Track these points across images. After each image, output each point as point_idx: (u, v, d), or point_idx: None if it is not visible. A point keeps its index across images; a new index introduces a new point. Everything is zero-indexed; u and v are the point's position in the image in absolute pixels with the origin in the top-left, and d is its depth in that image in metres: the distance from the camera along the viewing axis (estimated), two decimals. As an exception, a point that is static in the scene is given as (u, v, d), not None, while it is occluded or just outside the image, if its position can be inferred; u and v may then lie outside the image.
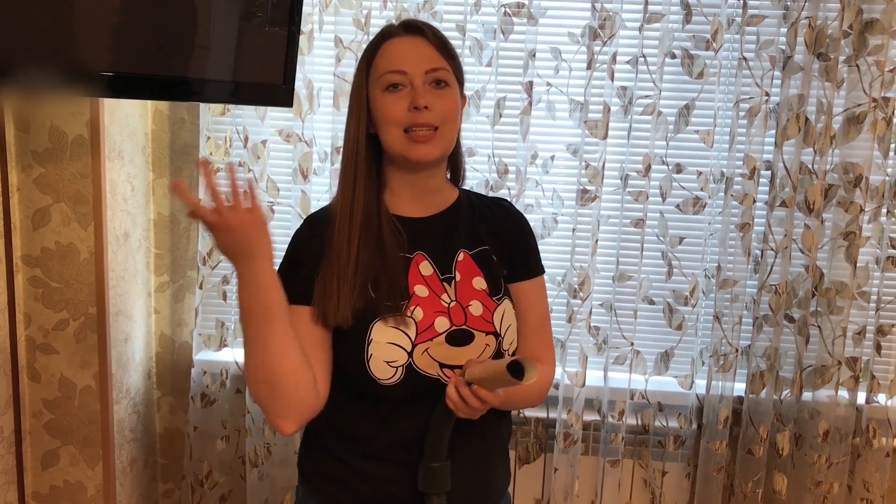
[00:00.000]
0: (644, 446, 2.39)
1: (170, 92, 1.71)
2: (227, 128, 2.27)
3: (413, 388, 1.32)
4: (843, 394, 2.25)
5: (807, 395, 2.28)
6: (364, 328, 1.31)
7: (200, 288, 2.33)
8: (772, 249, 2.21)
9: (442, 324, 1.34)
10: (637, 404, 2.36)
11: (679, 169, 2.24)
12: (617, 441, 2.34)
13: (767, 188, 2.21)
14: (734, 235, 2.22)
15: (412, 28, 1.35)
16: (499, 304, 1.40)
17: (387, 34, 1.35)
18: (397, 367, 1.32)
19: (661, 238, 2.28)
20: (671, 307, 2.31)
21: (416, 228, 1.39)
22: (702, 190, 2.23)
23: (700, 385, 2.33)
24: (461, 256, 1.41)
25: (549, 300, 2.34)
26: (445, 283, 1.38)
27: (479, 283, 1.40)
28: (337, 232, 1.33)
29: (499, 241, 1.44)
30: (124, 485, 2.37)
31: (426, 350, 1.33)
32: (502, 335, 1.39)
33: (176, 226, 2.43)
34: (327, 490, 1.40)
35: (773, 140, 2.18)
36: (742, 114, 2.16)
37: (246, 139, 2.24)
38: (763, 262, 2.23)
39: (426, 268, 1.39)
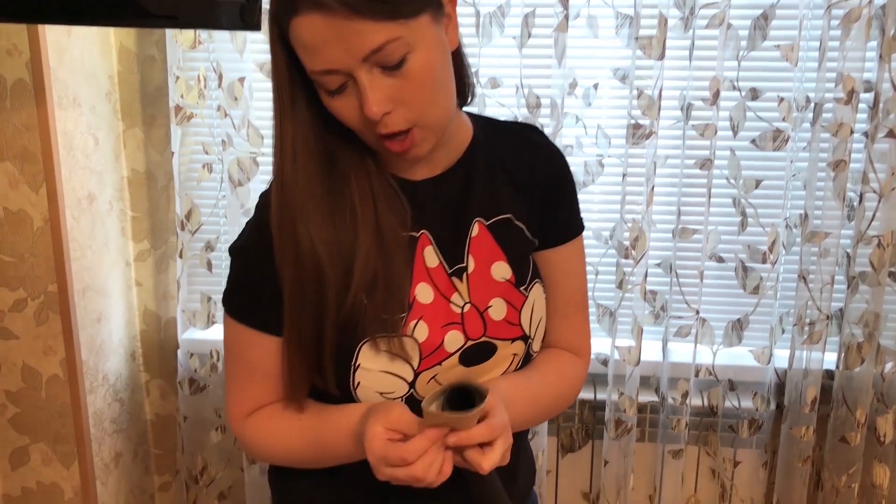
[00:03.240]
0: (712, 431, 2.00)
1: (87, 12, 1.33)
2: (199, 65, 1.89)
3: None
4: (963, 367, 1.83)
5: (914, 369, 1.86)
6: (348, 352, 0.96)
7: (181, 257, 1.98)
8: (873, 192, 1.77)
9: (454, 340, 0.99)
10: (703, 382, 1.96)
11: (755, 94, 1.80)
12: (679, 427, 1.95)
13: (868, 115, 1.76)
14: (824, 175, 1.79)
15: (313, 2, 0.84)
16: (527, 297, 1.02)
17: (288, 6, 0.85)
18: (395, 399, 0.98)
19: (733, 181, 1.85)
20: (745, 266, 1.89)
21: (414, 195, 1.01)
22: (784, 120, 1.80)
23: (780, 358, 1.92)
24: (476, 230, 1.02)
25: (595, 260, 1.95)
26: (455, 279, 1.01)
27: (501, 269, 1.02)
28: (278, 225, 0.95)
29: (526, 200, 1.05)
30: (107, 483, 2.07)
31: (434, 377, 0.98)
32: (532, 336, 1.03)
33: (154, 184, 2.07)
34: None
35: (875, 54, 1.73)
36: (835, 22, 1.71)
37: (221, 77, 1.85)
38: (861, 207, 1.79)
39: (431, 256, 1.01)
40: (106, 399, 2.05)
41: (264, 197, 1.00)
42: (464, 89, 1.02)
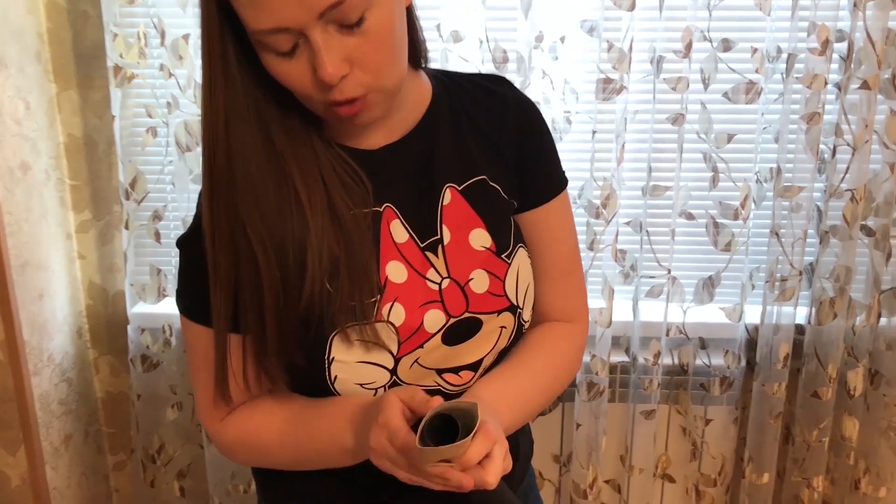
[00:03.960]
0: (682, 389, 1.98)
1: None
2: (139, 21, 1.75)
3: None
4: (932, 319, 1.82)
5: (883, 322, 1.85)
6: (319, 347, 0.88)
7: (127, 228, 1.86)
8: (847, 145, 1.73)
9: (434, 320, 0.91)
10: (674, 341, 1.93)
11: (727, 46, 1.74)
12: (652, 387, 1.92)
13: (840, 66, 1.71)
14: (795, 129, 1.74)
15: None
16: (510, 263, 0.94)
17: None
18: (376, 389, 0.90)
19: (704, 136, 1.80)
20: (717, 223, 1.85)
21: (372, 166, 0.91)
22: (756, 72, 1.74)
23: (751, 315, 1.90)
24: (448, 197, 0.94)
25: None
26: (429, 253, 0.92)
27: (480, 237, 0.94)
28: (210, 206, 0.85)
29: (499, 158, 0.97)
30: (58, 468, 1.96)
31: (416, 361, 0.90)
32: (521, 306, 0.96)
33: (93, 149, 1.93)
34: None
35: (849, 2, 1.67)
36: (809, -32, 1.65)
37: (163, 34, 1.72)
38: (833, 161, 1.76)
39: (399, 231, 0.92)
40: (52, 380, 1.93)
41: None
42: (415, 49, 0.93)
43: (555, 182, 1.01)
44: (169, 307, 1.93)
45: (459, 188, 0.94)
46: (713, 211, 1.84)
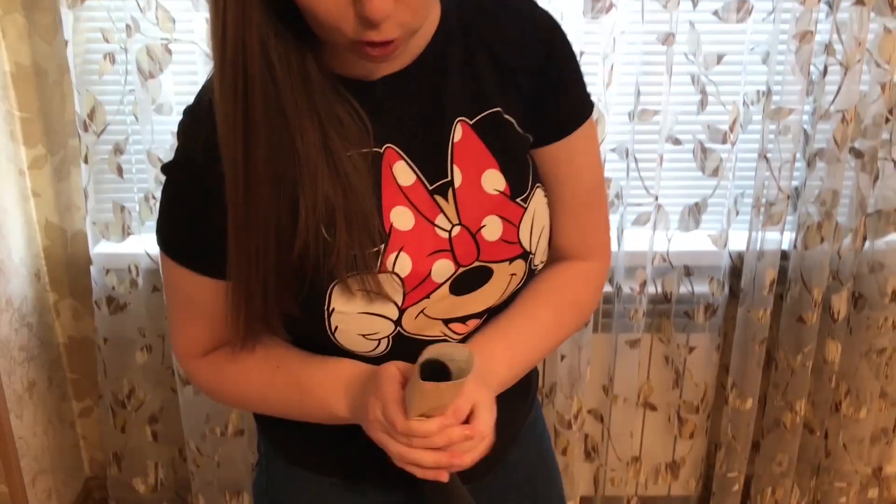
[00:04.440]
0: (665, 318, 1.96)
1: None
2: (89, -67, 1.61)
3: (407, 355, 0.84)
4: (916, 241, 1.82)
5: (867, 245, 1.85)
6: (317, 297, 0.81)
7: (86, 162, 1.74)
8: (839, 64, 1.69)
9: (443, 270, 0.84)
10: (658, 269, 1.90)
11: (718, -40, 1.67)
12: (637, 317, 1.90)
13: (833, -19, 1.66)
14: (784, 49, 1.69)
15: None
16: (527, 208, 0.87)
17: None
18: (380, 339, 0.84)
19: (693, 58, 1.74)
20: (704, 147, 1.80)
21: (372, 100, 0.82)
22: (748, -12, 1.68)
23: (737, 241, 1.87)
24: (459, 133, 0.85)
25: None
26: (439, 197, 0.84)
27: (494, 179, 0.86)
28: (225, 145, 0.75)
29: (515, 87, 0.87)
30: (22, 416, 1.87)
31: (422, 311, 0.84)
32: (533, 251, 0.88)
33: (44, 79, 1.80)
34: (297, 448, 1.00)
35: (843, -87, 1.62)
36: None
37: (119, -52, 1.58)
38: (823, 82, 1.72)
39: (404, 173, 0.84)
40: (12, 325, 1.83)
41: (199, 108, 0.80)
42: None
43: (580, 110, 0.91)
44: (134, 246, 1.83)
45: (471, 122, 0.85)
46: (702, 135, 1.80)
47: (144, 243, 1.82)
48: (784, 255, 1.87)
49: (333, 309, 0.81)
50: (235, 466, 1.98)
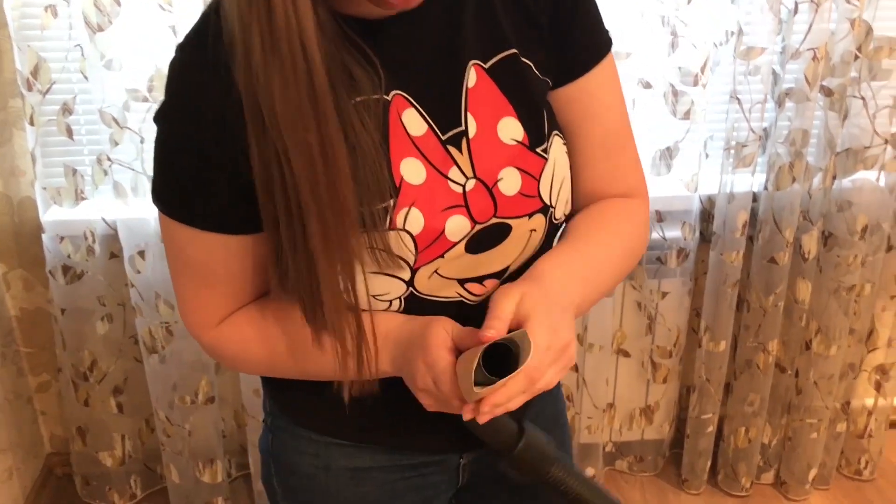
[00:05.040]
0: (637, 264, 1.94)
1: None
2: None
3: (420, 314, 0.81)
4: (884, 178, 1.83)
5: (835, 185, 1.85)
6: None
7: (31, 124, 1.63)
8: (810, 1, 1.67)
9: (458, 227, 0.78)
10: (630, 215, 1.88)
11: None
12: (611, 264, 1.88)
13: (803, -84, 1.64)
14: (754, -14, 1.67)
15: None
16: (547, 158, 0.81)
17: None
18: (391, 300, 0.80)
19: (663, -2, 1.70)
20: (675, 90, 1.78)
21: (378, 41, 0.75)
22: (719, -76, 1.64)
23: (708, 185, 1.86)
24: (472, 78, 0.79)
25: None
26: (452, 147, 0.78)
27: (511, 128, 0.80)
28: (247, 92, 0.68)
29: (533, 27, 0.81)
30: (-21, 395, 1.79)
31: (436, 271, 0.79)
32: (554, 205, 0.83)
33: (-22, 35, 1.68)
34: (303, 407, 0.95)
35: None
36: None
37: None
38: (792, 20, 1.70)
39: (415, 122, 0.77)
40: (-40, 300, 1.73)
41: (202, 35, 0.72)
42: None
43: (599, 43, 0.85)
44: (89, 212, 1.74)
45: (486, 66, 0.79)
46: (673, 79, 1.77)
47: (100, 208, 1.73)
48: (755, 197, 1.87)
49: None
50: (207, 434, 1.93)
